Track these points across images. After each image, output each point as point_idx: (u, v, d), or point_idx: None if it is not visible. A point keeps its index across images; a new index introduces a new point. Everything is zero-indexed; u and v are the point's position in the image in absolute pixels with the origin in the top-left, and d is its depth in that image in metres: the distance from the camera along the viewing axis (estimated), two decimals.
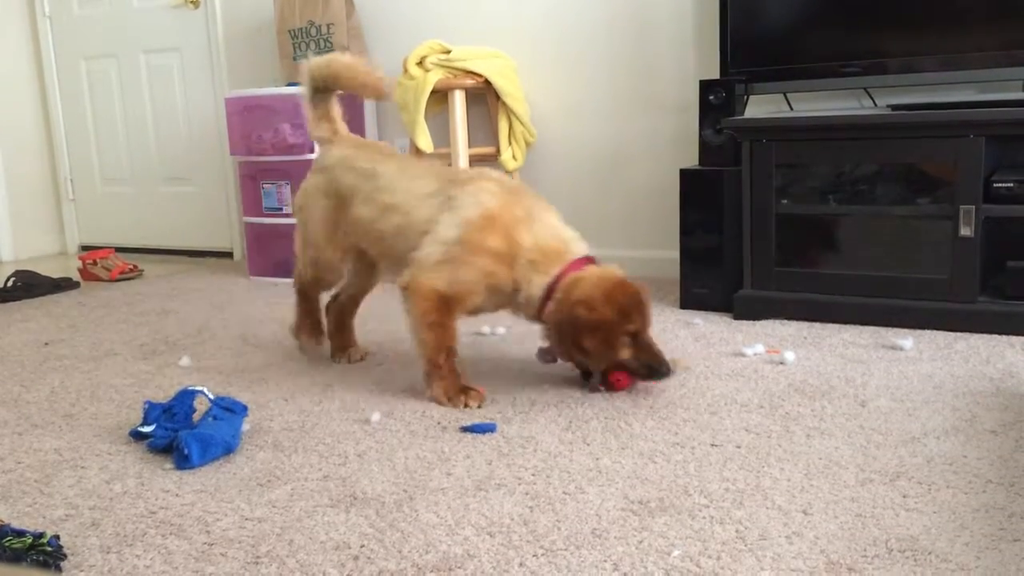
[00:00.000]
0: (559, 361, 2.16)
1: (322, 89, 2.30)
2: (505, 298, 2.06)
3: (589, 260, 2.04)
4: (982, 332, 2.44)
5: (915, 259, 2.53)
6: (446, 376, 2.02)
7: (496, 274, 2.01)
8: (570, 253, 2.03)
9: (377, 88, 2.32)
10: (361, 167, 2.22)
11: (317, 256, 2.30)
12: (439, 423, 1.90)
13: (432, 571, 1.29)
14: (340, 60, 2.28)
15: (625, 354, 2.00)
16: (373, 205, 2.15)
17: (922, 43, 2.64)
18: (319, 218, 2.27)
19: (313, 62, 2.29)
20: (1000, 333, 2.42)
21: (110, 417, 2.03)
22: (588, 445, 1.75)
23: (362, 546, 1.37)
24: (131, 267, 3.99)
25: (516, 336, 2.61)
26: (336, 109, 2.35)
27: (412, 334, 2.05)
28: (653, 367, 2.01)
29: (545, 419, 1.90)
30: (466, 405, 1.99)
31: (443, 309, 2.01)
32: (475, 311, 2.09)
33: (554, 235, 2.04)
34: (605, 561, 1.29)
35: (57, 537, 1.39)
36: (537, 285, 2.00)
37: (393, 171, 2.19)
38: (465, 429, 1.85)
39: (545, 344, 2.14)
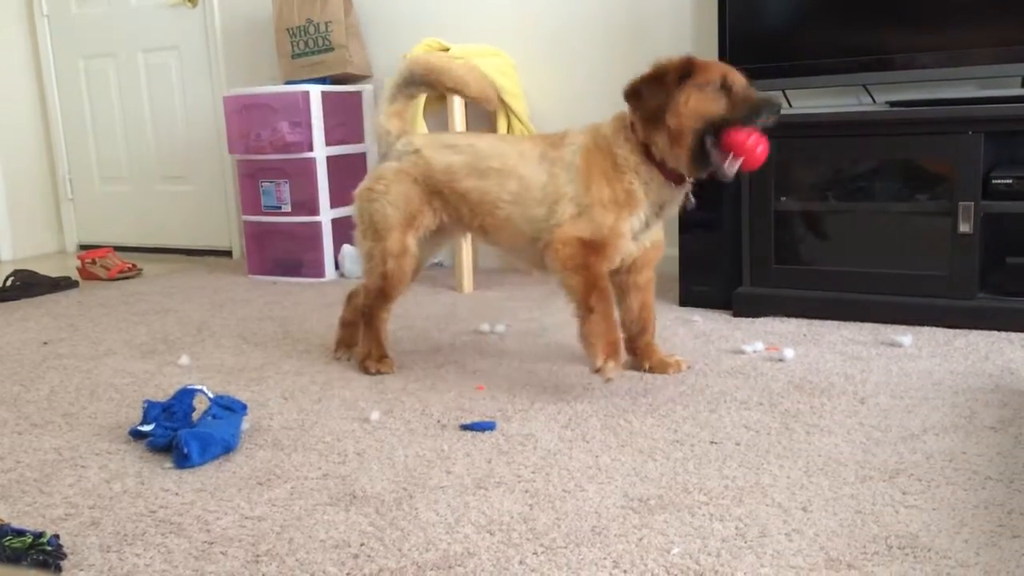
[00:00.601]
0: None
1: (414, 84, 2.27)
2: (645, 194, 2.01)
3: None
4: (981, 328, 2.44)
5: (914, 256, 2.53)
6: (598, 321, 1.97)
7: (618, 190, 1.99)
8: (607, 119, 2.10)
9: (487, 94, 2.31)
10: (457, 143, 2.19)
11: (388, 248, 2.19)
12: (438, 421, 1.90)
13: (432, 569, 1.29)
14: (445, 60, 2.28)
15: (721, 106, 1.92)
16: (484, 175, 2.12)
17: (921, 39, 2.64)
18: (400, 202, 2.18)
19: (416, 56, 2.28)
20: (999, 329, 2.42)
21: (109, 416, 2.03)
22: (588, 443, 1.75)
23: (362, 544, 1.37)
24: (130, 266, 3.98)
25: (516, 334, 2.61)
26: (409, 110, 2.34)
27: (561, 287, 2.03)
28: (755, 107, 1.91)
29: (545, 417, 1.90)
30: (598, 369, 1.95)
31: (586, 252, 1.97)
32: (624, 245, 2.03)
33: (605, 125, 2.09)
34: (605, 559, 1.29)
35: (57, 536, 1.39)
36: (630, 147, 2.01)
37: (493, 141, 2.19)
38: (465, 427, 1.85)
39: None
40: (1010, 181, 2.39)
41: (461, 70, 2.25)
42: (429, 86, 2.28)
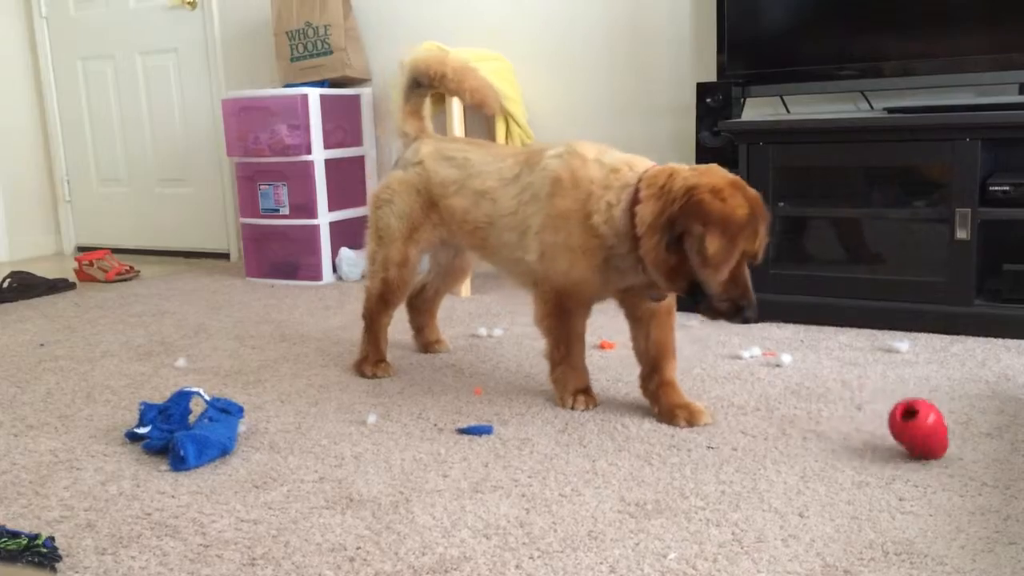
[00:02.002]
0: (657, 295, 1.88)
1: (422, 84, 2.22)
2: (611, 262, 1.81)
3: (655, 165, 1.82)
4: (978, 335, 2.44)
5: (911, 262, 2.54)
6: (562, 372, 1.97)
7: (579, 246, 1.81)
8: (644, 163, 1.82)
9: (487, 98, 2.21)
10: (455, 156, 2.13)
11: (390, 256, 2.19)
12: (435, 425, 1.90)
13: (428, 573, 1.28)
14: (450, 59, 2.20)
15: (721, 278, 1.67)
16: (467, 194, 2.07)
17: (918, 46, 2.65)
18: (404, 213, 2.17)
19: (418, 55, 2.23)
20: (996, 336, 2.43)
21: (106, 418, 2.03)
22: (584, 447, 1.75)
23: (358, 548, 1.37)
24: (127, 268, 3.98)
25: (513, 338, 2.61)
26: (427, 107, 2.30)
27: (536, 326, 1.99)
28: (741, 306, 1.70)
29: (541, 421, 1.90)
30: (572, 407, 1.95)
31: (559, 312, 1.92)
32: (600, 296, 1.92)
33: (624, 157, 1.85)
34: (601, 563, 1.29)
35: (52, 539, 1.39)
36: (616, 204, 1.76)
37: (483, 157, 2.10)
38: (461, 431, 1.85)
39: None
40: (1007, 188, 2.39)
41: (463, 74, 2.19)
42: (432, 86, 2.23)
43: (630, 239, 1.74)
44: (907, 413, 1.59)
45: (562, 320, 1.93)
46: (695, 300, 1.74)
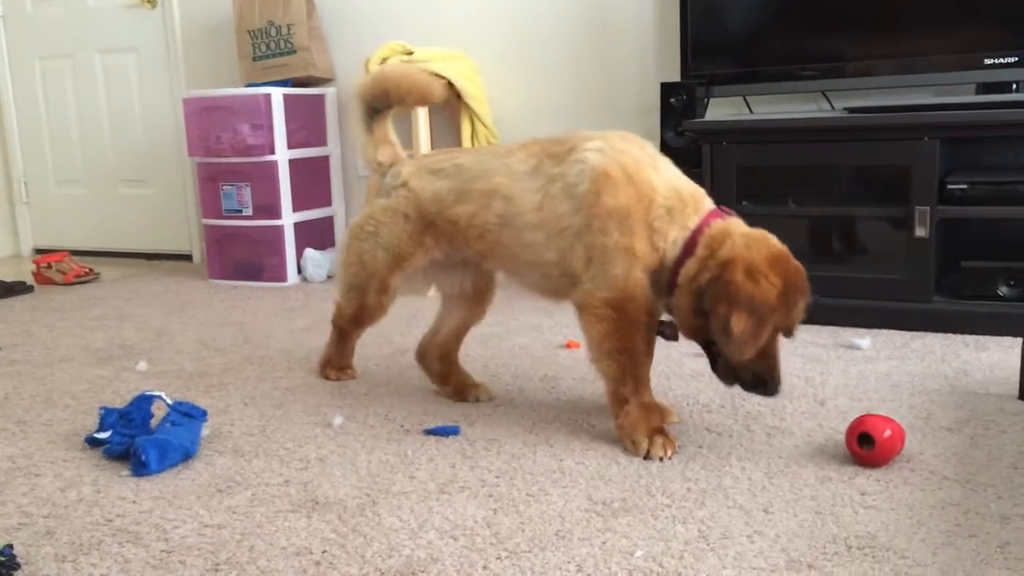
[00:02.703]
0: (681, 339, 1.79)
1: (377, 109, 2.08)
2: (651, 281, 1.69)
3: (727, 212, 1.71)
4: (937, 331, 2.48)
5: (872, 260, 2.57)
6: (632, 412, 1.70)
7: (633, 247, 1.65)
8: (707, 200, 1.71)
9: (426, 92, 2.09)
10: (442, 167, 1.95)
11: (371, 285, 2.03)
12: (402, 426, 1.89)
13: (395, 575, 1.28)
14: (385, 72, 2.08)
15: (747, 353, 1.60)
16: (471, 199, 1.87)
17: (878, 47, 2.69)
18: (391, 245, 1.98)
19: (362, 82, 2.08)
20: (955, 332, 2.47)
21: (65, 423, 1.99)
22: (552, 447, 1.75)
23: (324, 551, 1.36)
24: (87, 270, 3.92)
25: (479, 337, 2.61)
26: (391, 132, 2.13)
27: (593, 363, 1.74)
28: (764, 380, 1.64)
29: (509, 421, 1.90)
30: (648, 455, 1.65)
31: (622, 327, 1.68)
32: (649, 295, 1.70)
33: (684, 178, 1.71)
34: (569, 563, 1.29)
35: (11, 546, 1.36)
36: (674, 241, 1.66)
37: (479, 156, 1.94)
38: (428, 432, 1.84)
39: (668, 316, 1.76)
40: (965, 186, 2.44)
41: (397, 80, 2.05)
42: (386, 107, 2.09)
43: (670, 277, 1.67)
44: (863, 440, 1.58)
45: (626, 339, 1.68)
46: (713, 360, 1.70)
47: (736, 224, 1.67)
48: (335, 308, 2.18)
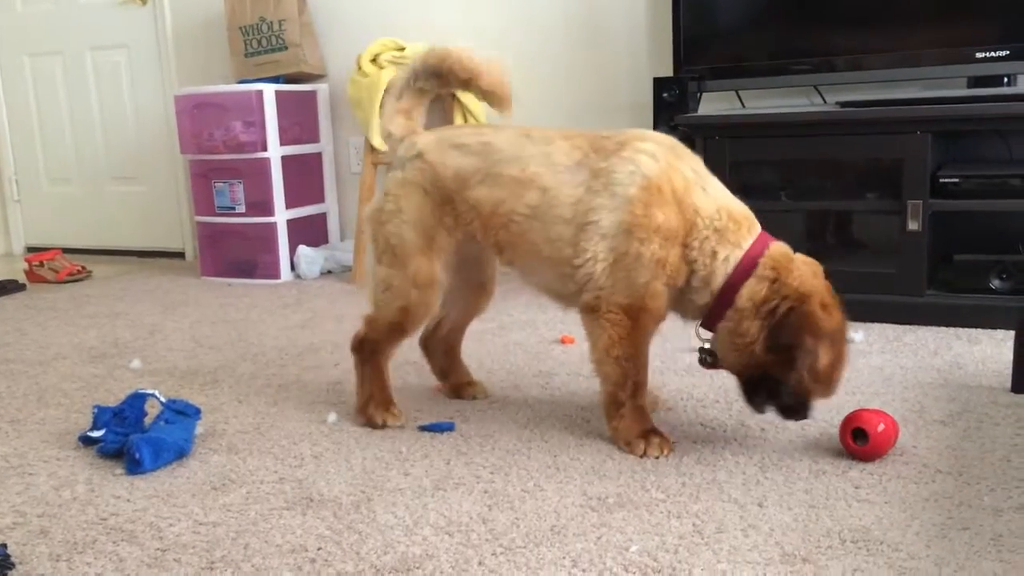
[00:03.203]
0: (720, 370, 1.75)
1: (425, 80, 1.88)
2: (675, 293, 1.67)
3: (768, 236, 1.68)
4: (930, 324, 2.49)
5: (864, 253, 2.58)
6: (627, 415, 1.69)
7: (667, 261, 1.61)
8: (755, 222, 1.67)
9: (503, 94, 1.91)
10: (467, 143, 1.80)
11: (411, 276, 1.80)
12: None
13: (390, 572, 1.28)
14: (461, 54, 1.87)
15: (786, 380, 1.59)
16: (497, 182, 1.74)
17: (870, 41, 2.69)
18: (416, 220, 1.80)
19: (430, 50, 1.87)
20: (947, 325, 2.47)
21: (58, 422, 1.99)
22: (546, 442, 1.75)
23: (319, 549, 1.36)
24: (79, 268, 3.90)
25: (474, 334, 2.60)
26: (421, 109, 1.94)
27: (594, 365, 1.71)
28: (806, 404, 1.62)
29: (503, 417, 1.90)
30: (644, 454, 1.66)
31: (633, 335, 1.66)
32: (662, 308, 1.68)
33: (733, 198, 1.68)
34: (564, 558, 1.30)
35: (5, 546, 1.36)
36: (724, 259, 1.61)
37: (515, 138, 1.79)
38: (423, 428, 1.84)
39: (708, 344, 1.73)
40: (957, 180, 2.44)
41: (475, 60, 1.87)
42: (441, 78, 1.88)
43: (712, 296, 1.63)
44: (857, 434, 1.59)
45: (636, 347, 1.67)
46: (752, 388, 1.66)
47: (790, 251, 1.65)
48: (364, 325, 1.89)
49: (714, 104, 3.09)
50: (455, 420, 1.88)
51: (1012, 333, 1.98)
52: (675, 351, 2.35)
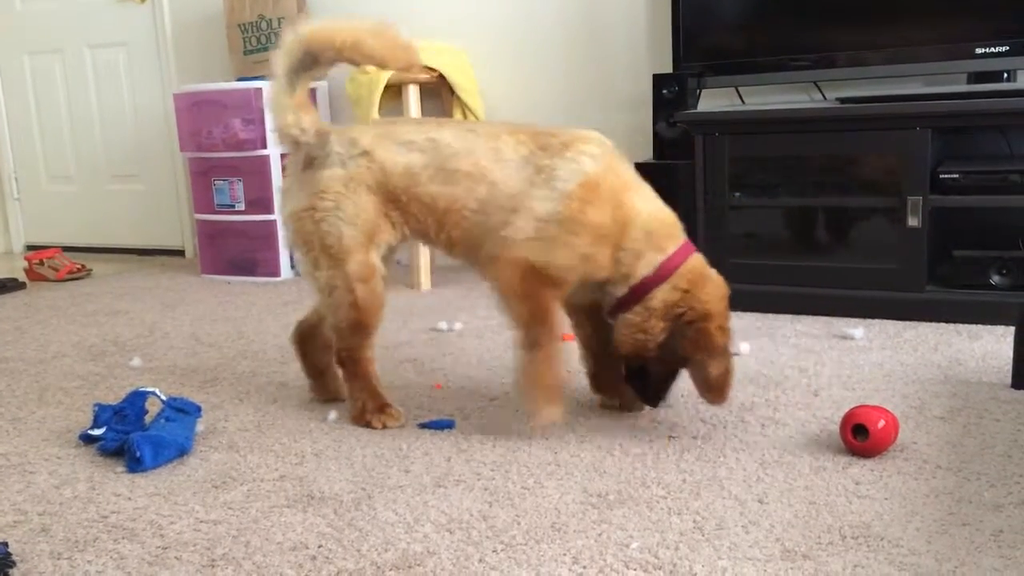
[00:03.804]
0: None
1: (311, 65, 1.82)
2: (590, 288, 1.74)
3: (691, 247, 1.75)
4: (930, 320, 2.49)
5: (864, 250, 2.58)
6: (542, 361, 1.71)
7: (595, 257, 1.68)
8: (682, 231, 1.74)
9: (406, 55, 1.85)
10: (413, 139, 1.78)
11: (352, 273, 1.77)
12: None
13: (391, 569, 1.28)
14: (344, 33, 1.81)
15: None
16: (451, 179, 1.74)
17: (870, 37, 2.69)
18: (357, 218, 1.77)
19: (315, 27, 1.80)
20: (947, 321, 2.47)
21: (59, 420, 1.99)
22: (546, 439, 1.75)
23: (320, 546, 1.36)
24: (79, 266, 3.91)
25: (474, 331, 2.61)
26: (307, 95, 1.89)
27: (504, 312, 1.73)
28: (645, 389, 1.77)
29: (504, 414, 1.90)
30: (534, 416, 1.72)
31: (535, 278, 1.68)
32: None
33: (664, 205, 1.74)
34: (564, 555, 1.30)
35: (6, 544, 1.36)
36: (648, 261, 1.68)
37: (461, 133, 1.79)
38: (423, 425, 1.84)
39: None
40: (957, 176, 2.44)
41: (371, 38, 1.82)
42: (325, 64, 1.84)
43: (630, 293, 1.70)
44: (858, 431, 1.59)
45: (538, 301, 1.69)
46: (632, 376, 1.78)
47: (706, 265, 1.74)
48: (334, 337, 1.86)
49: (714, 100, 3.09)
50: (455, 417, 1.88)
51: (1012, 329, 1.98)
52: None
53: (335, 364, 1.90)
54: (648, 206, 1.72)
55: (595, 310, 1.82)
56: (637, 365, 1.75)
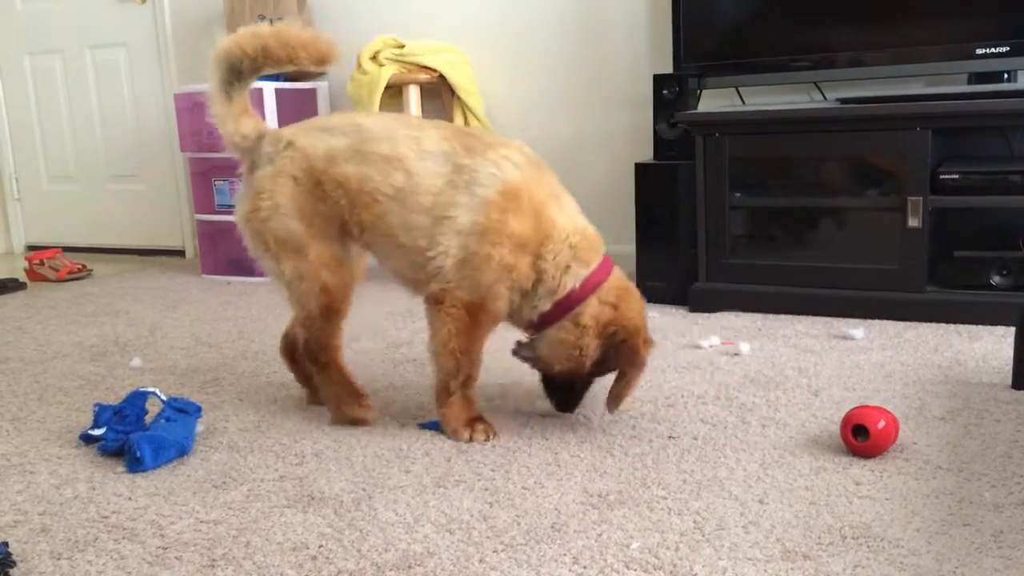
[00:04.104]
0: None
1: (244, 72, 1.83)
2: (516, 300, 1.74)
3: (611, 262, 1.78)
4: (930, 321, 2.49)
5: (865, 250, 2.58)
6: (456, 403, 1.77)
7: (516, 268, 1.68)
8: (600, 247, 1.77)
9: (325, 49, 1.85)
10: (335, 126, 1.80)
11: (315, 259, 1.78)
12: (397, 420, 1.89)
13: (392, 570, 1.28)
14: (265, 29, 1.83)
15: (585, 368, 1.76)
16: (365, 160, 1.74)
17: (870, 38, 2.69)
18: (297, 211, 1.77)
19: (229, 40, 1.81)
20: (947, 322, 2.47)
21: (59, 420, 1.99)
22: (547, 439, 1.75)
23: (320, 546, 1.36)
24: (79, 267, 3.91)
25: None
26: (249, 101, 1.90)
27: (432, 354, 1.77)
28: (566, 399, 1.84)
29: (503, 414, 1.90)
30: (470, 440, 1.75)
31: (471, 331, 1.72)
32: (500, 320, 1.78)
33: (586, 221, 1.76)
34: (565, 555, 1.30)
35: (6, 544, 1.36)
36: (574, 275, 1.70)
37: (387, 121, 1.80)
38: (423, 426, 1.84)
39: (526, 339, 1.83)
40: (957, 176, 2.44)
41: (273, 40, 1.82)
42: (256, 71, 1.84)
43: (555, 307, 1.72)
44: (858, 431, 1.59)
45: (472, 341, 1.74)
46: (556, 387, 1.83)
47: (624, 276, 1.78)
48: (300, 329, 1.87)
49: (714, 101, 3.09)
50: None
51: (1012, 329, 1.97)
52: (675, 348, 2.35)
53: (307, 360, 1.90)
54: (571, 219, 1.73)
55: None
56: (566, 384, 1.81)
